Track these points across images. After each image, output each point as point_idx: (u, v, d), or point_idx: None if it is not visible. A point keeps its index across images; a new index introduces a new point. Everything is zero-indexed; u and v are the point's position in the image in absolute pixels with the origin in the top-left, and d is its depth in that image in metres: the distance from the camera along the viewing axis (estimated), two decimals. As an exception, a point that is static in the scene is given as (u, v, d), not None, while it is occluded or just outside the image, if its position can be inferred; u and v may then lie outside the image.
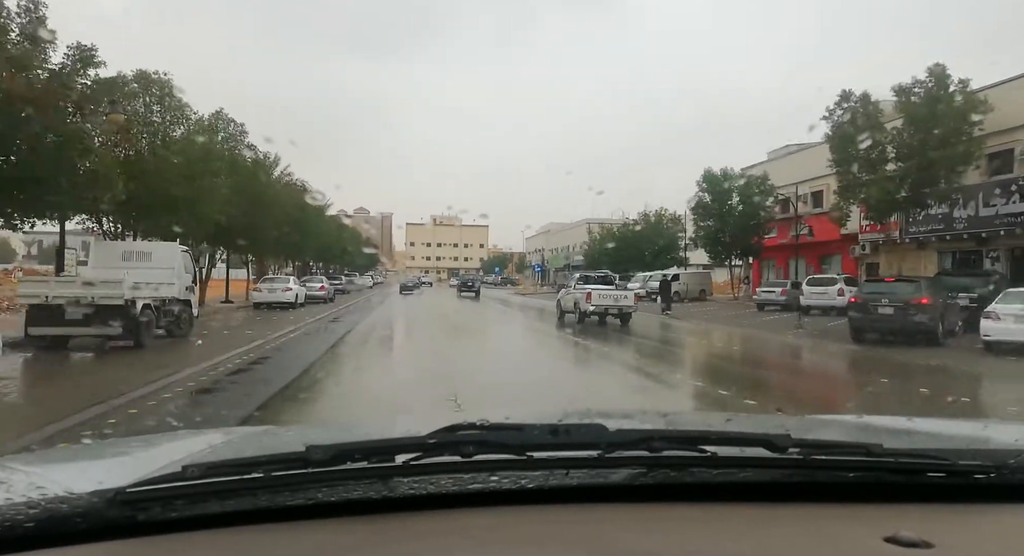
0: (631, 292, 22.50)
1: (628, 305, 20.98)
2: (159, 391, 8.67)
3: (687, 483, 1.18)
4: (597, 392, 10.16)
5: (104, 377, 10.69)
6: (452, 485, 1.13)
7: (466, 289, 50.03)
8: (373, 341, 18.07)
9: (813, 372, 14.46)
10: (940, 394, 9.85)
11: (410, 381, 10.83)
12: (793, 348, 17.84)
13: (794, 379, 12.96)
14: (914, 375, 12.34)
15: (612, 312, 20.94)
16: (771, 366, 14.79)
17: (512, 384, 10.60)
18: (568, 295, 22.92)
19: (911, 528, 1.00)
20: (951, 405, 8.84)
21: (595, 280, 23.63)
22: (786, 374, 13.67)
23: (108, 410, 7.37)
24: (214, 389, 9.21)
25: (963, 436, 1.68)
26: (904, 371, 12.78)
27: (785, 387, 11.50)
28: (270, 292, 29.92)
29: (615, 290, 22.14)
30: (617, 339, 18.44)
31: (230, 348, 13.45)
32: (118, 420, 6.87)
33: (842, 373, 14.01)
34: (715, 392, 10.16)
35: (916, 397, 9.69)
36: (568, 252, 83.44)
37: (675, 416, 2.61)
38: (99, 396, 8.06)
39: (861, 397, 10.06)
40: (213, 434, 1.77)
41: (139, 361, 12.00)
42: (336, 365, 12.60)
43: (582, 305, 20.91)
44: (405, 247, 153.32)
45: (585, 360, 14.84)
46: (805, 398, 10.24)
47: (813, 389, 11.67)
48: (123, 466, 1.37)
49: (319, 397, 9.36)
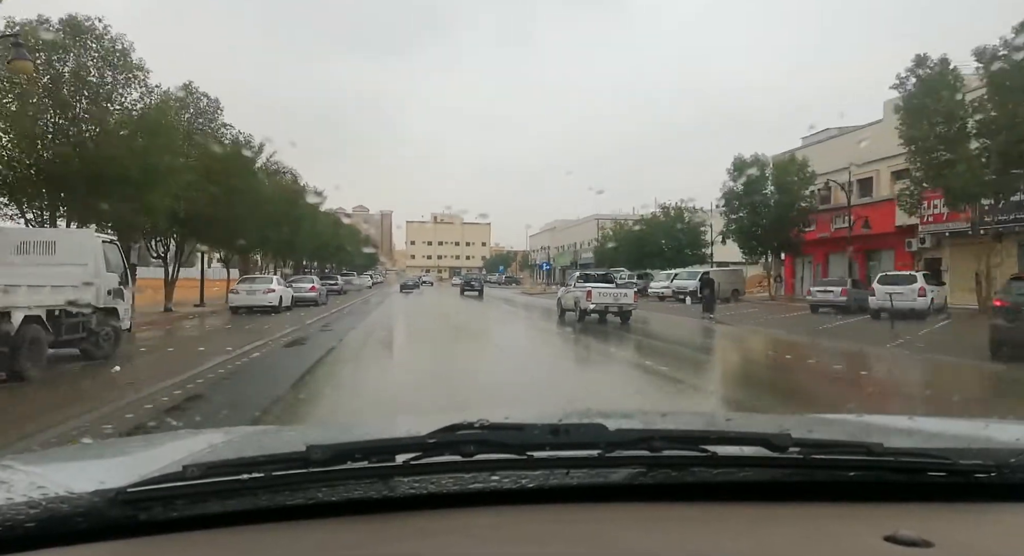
0: (631, 290, 22.33)
1: (628, 303, 20.92)
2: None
3: (687, 483, 1.19)
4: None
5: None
6: (453, 485, 1.14)
7: (469, 288, 48.53)
8: (367, 357, 14.10)
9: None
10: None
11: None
12: (931, 371, 13.21)
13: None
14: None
15: (612, 310, 20.95)
16: (952, 407, 9.03)
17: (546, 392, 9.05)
18: (568, 293, 22.92)
19: (911, 527, 1.01)
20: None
21: (596, 278, 23.97)
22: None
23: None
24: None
25: (964, 435, 1.67)
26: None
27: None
28: (249, 294, 25.95)
29: (615, 288, 22.23)
30: (686, 360, 14.53)
31: (158, 378, 9.63)
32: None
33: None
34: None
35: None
36: (576, 249, 79.94)
37: (675, 416, 2.55)
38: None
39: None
40: (213, 434, 1.76)
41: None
42: (308, 407, 8.32)
43: (582, 303, 20.88)
44: (405, 246, 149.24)
45: (674, 394, 10.24)
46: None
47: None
48: (124, 466, 1.36)
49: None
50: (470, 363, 13.49)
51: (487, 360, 14.15)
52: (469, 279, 52.35)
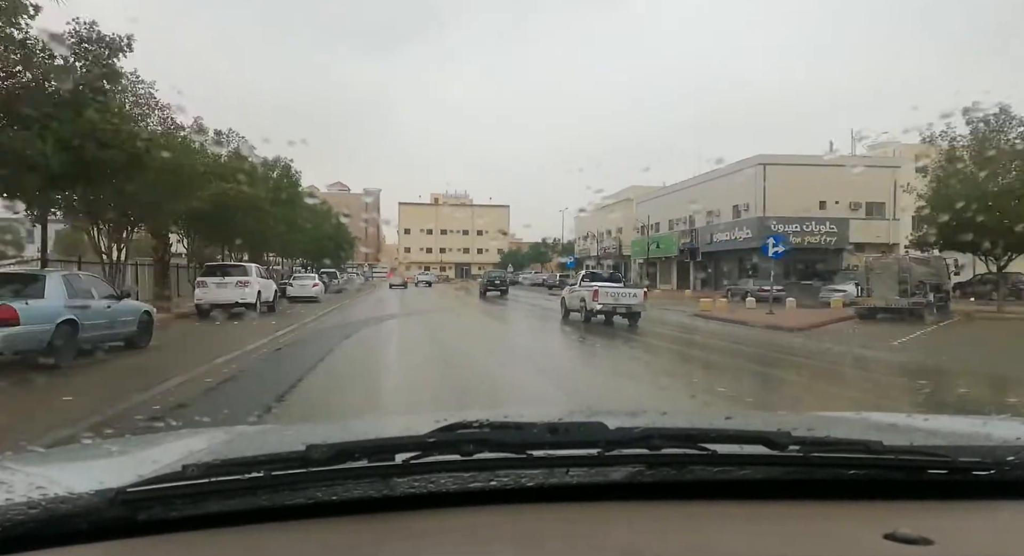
0: (640, 290, 21.06)
1: (636, 304, 20.22)
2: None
3: (687, 481, 1.19)
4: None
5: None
6: (452, 484, 1.14)
7: (493, 288, 42.87)
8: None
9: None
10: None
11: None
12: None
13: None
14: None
15: (620, 311, 20.26)
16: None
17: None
18: (573, 293, 22.02)
19: (911, 525, 1.01)
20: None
21: (602, 279, 22.92)
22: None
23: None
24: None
25: (963, 433, 1.67)
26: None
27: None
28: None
29: (623, 288, 21.52)
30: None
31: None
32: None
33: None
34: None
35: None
36: (688, 226, 49.37)
37: (675, 414, 2.52)
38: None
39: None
40: (213, 433, 1.76)
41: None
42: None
43: (589, 303, 20.10)
44: (398, 235, 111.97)
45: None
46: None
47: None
48: (123, 466, 1.36)
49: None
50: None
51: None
52: (493, 277, 45.05)
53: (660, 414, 2.00)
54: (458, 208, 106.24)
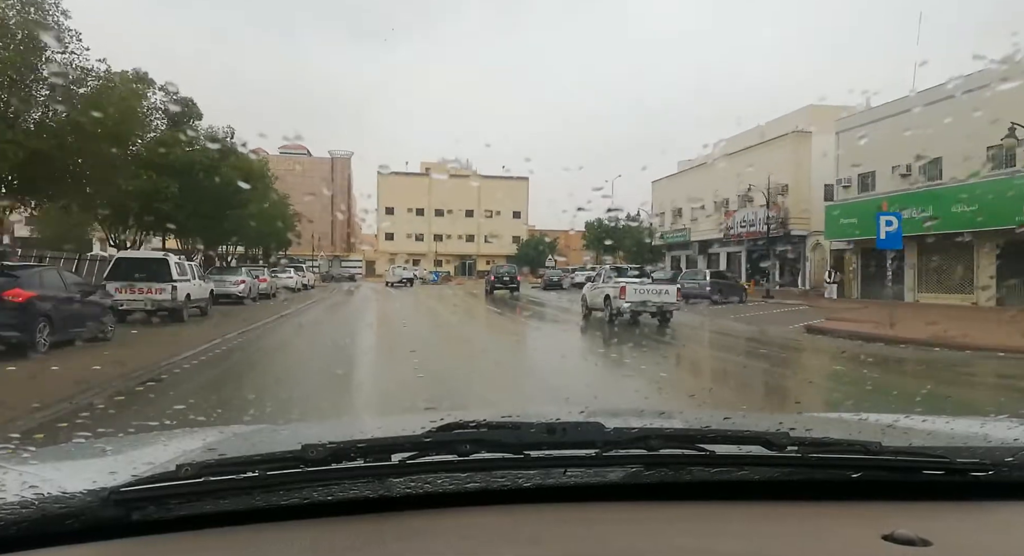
0: (674, 286, 18.68)
1: (670, 302, 17.57)
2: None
3: (685, 482, 1.18)
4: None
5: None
6: (449, 484, 1.13)
7: (501, 285, 36.19)
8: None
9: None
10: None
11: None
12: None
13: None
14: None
15: (650, 310, 17.54)
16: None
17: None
18: (595, 290, 19.19)
19: (909, 526, 1.01)
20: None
21: (629, 274, 19.67)
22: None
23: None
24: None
25: (961, 434, 1.66)
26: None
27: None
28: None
29: (653, 284, 18.51)
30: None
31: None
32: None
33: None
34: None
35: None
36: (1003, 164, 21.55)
37: (673, 415, 2.49)
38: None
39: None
40: (208, 432, 1.76)
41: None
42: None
43: (615, 301, 17.47)
44: (376, 216, 78.10)
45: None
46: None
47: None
48: (117, 465, 1.33)
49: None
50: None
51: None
52: (501, 274, 37.43)
53: (658, 415, 2.01)
54: (460, 181, 69.18)
